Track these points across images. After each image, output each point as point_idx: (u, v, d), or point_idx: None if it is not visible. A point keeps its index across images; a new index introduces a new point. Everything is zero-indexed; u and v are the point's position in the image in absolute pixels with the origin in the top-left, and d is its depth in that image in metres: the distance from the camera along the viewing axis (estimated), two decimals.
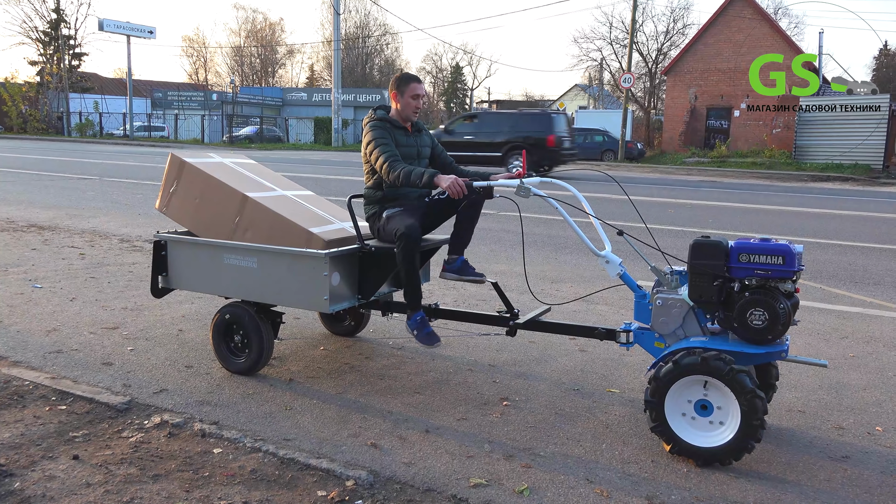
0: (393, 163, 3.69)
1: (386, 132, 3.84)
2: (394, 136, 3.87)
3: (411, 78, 3.96)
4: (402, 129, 3.95)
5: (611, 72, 49.49)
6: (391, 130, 3.88)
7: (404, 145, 3.92)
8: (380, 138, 3.80)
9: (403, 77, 3.96)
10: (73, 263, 6.72)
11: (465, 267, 3.94)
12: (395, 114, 3.97)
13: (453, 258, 3.95)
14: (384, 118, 3.92)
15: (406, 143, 3.95)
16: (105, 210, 10.68)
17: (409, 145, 3.96)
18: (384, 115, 3.94)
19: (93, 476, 2.72)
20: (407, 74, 4.01)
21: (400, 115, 3.95)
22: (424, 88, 4.02)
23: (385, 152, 3.74)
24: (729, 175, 24.87)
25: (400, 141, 3.90)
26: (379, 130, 3.83)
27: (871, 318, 5.44)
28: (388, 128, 3.88)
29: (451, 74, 76.05)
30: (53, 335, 4.48)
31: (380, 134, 3.81)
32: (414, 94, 3.90)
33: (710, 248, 2.97)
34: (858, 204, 14.89)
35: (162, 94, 51.46)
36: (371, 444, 3.06)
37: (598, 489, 2.73)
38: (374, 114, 3.95)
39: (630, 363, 4.24)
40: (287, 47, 73.51)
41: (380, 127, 3.85)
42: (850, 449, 3.15)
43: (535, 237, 8.83)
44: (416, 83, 3.93)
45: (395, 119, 3.96)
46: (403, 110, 3.93)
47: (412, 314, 3.77)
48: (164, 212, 4.23)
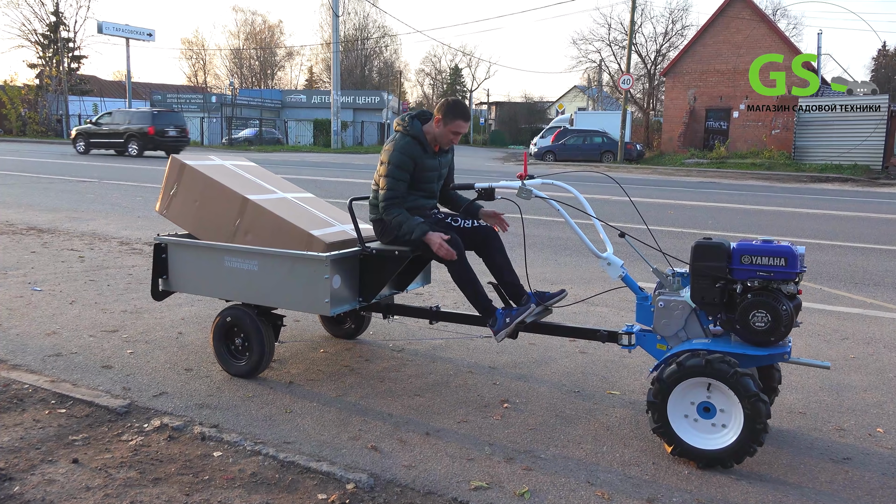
0: (390, 207, 3.62)
1: (408, 159, 3.63)
2: (419, 160, 3.68)
3: (461, 114, 3.68)
4: (430, 152, 3.75)
5: (610, 73, 49.57)
6: (418, 155, 3.67)
7: (429, 169, 3.76)
8: (397, 167, 3.62)
9: (455, 109, 3.67)
10: (73, 266, 6.71)
11: (540, 299, 3.67)
12: (430, 133, 3.74)
13: (524, 298, 3.68)
14: (417, 137, 3.69)
15: (430, 166, 3.77)
16: (104, 212, 10.67)
17: (432, 169, 3.79)
18: (418, 133, 3.70)
19: (92, 480, 2.71)
20: (459, 107, 3.70)
21: (435, 137, 3.74)
22: (469, 126, 3.78)
23: (390, 188, 3.62)
24: (728, 176, 24.89)
25: (426, 164, 3.72)
26: (402, 156, 3.62)
27: (872, 320, 5.43)
28: (416, 152, 3.66)
29: (450, 76, 76.12)
30: (53, 338, 4.47)
31: (399, 161, 3.62)
32: (456, 131, 3.69)
33: (712, 249, 2.97)
34: (858, 205, 14.89)
35: (161, 97, 51.46)
36: (371, 447, 3.05)
37: (599, 491, 2.72)
38: (409, 126, 3.70)
39: (631, 365, 4.23)
40: (286, 49, 73.59)
41: (405, 152, 3.63)
42: (851, 451, 3.15)
43: (536, 239, 8.82)
44: (463, 121, 3.69)
45: (429, 138, 3.74)
46: (440, 137, 3.73)
47: (493, 322, 3.58)
48: (164, 214, 4.23)
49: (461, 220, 3.82)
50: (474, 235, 3.78)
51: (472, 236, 3.78)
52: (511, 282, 3.73)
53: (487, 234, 3.77)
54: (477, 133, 66.05)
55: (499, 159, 36.16)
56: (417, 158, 3.67)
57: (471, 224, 3.82)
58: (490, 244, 3.76)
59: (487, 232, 3.79)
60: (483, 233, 3.78)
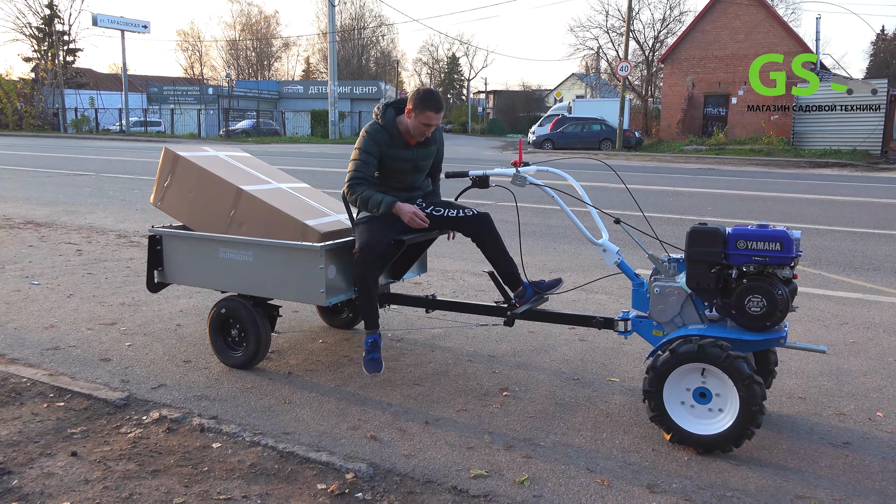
0: (354, 185, 3.58)
1: (376, 145, 3.59)
2: (386, 149, 3.61)
3: (430, 104, 3.50)
4: (401, 143, 3.64)
5: (608, 60, 49.33)
6: (386, 144, 3.60)
7: (399, 160, 3.65)
8: (363, 150, 3.59)
9: (425, 100, 3.50)
10: (70, 260, 6.70)
11: (537, 288, 3.65)
12: (404, 124, 3.63)
13: (521, 291, 3.65)
14: (386, 127, 3.61)
15: (403, 156, 3.66)
16: (102, 206, 10.65)
17: (404, 160, 3.67)
18: (390, 122, 3.62)
19: (91, 472, 2.71)
20: (430, 98, 3.51)
21: (408, 129, 3.62)
22: (441, 118, 3.59)
23: (355, 169, 3.59)
24: (727, 162, 24.83)
25: (395, 155, 3.63)
26: (370, 142, 3.59)
27: (871, 304, 5.43)
28: (383, 140, 3.60)
29: (447, 65, 75.85)
30: (51, 332, 4.47)
31: (367, 146, 3.59)
32: (427, 123, 3.54)
33: (708, 235, 2.95)
34: (857, 190, 14.87)
35: (157, 89, 51.29)
36: (371, 437, 3.05)
37: (598, 478, 2.72)
38: (382, 114, 3.64)
39: (630, 352, 4.23)
40: (282, 40, 73.26)
41: (374, 139, 3.59)
42: (851, 435, 3.15)
43: (533, 227, 8.81)
44: (434, 113, 3.51)
45: (402, 129, 3.63)
46: (412, 129, 3.60)
47: (367, 334, 3.64)
48: (158, 206, 4.21)
49: (443, 210, 3.71)
50: (466, 224, 3.71)
51: (464, 224, 3.72)
52: (508, 271, 3.69)
53: (481, 222, 3.69)
54: (475, 122, 65.86)
55: (497, 148, 36.09)
56: (385, 147, 3.60)
57: (455, 214, 3.70)
58: (483, 232, 3.68)
59: (481, 220, 3.69)
60: (476, 221, 3.70)
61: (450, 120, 69.49)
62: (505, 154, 30.42)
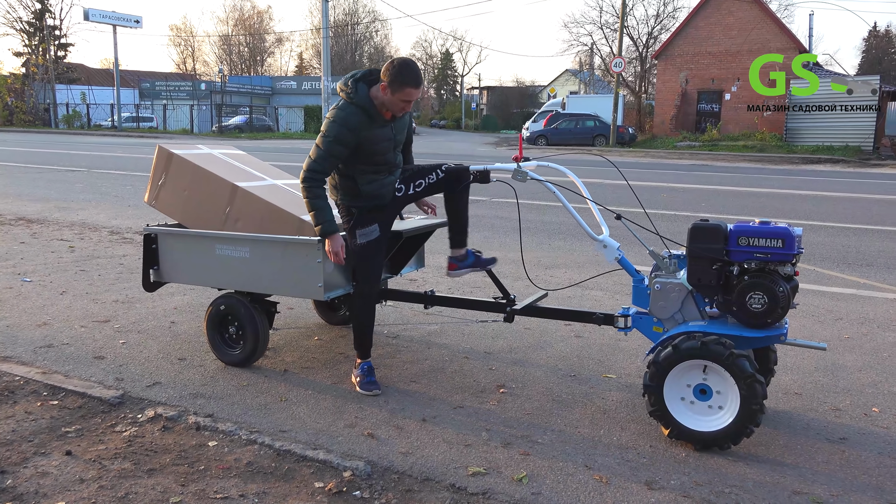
0: (310, 183, 3.25)
1: (349, 133, 3.19)
2: (365, 131, 3.24)
3: (410, 80, 3.16)
4: (379, 120, 3.29)
5: (601, 56, 49.37)
6: (363, 127, 3.22)
7: (380, 140, 3.31)
8: (332, 140, 3.19)
9: (402, 74, 3.15)
10: (63, 256, 6.65)
11: (477, 259, 3.62)
12: (378, 98, 3.25)
13: (461, 253, 3.58)
14: (362, 106, 3.22)
15: (382, 136, 3.31)
16: (94, 202, 10.58)
17: (384, 139, 3.33)
18: (364, 100, 3.21)
19: (86, 471, 2.68)
20: (408, 72, 3.16)
21: (384, 104, 3.26)
22: (420, 92, 3.28)
23: (318, 160, 3.23)
24: (720, 158, 24.88)
25: (375, 136, 3.28)
26: (342, 131, 3.18)
27: (865, 300, 5.44)
28: (360, 123, 3.21)
29: (441, 61, 75.71)
30: (44, 329, 4.43)
31: (338, 134, 3.18)
32: (405, 99, 3.21)
33: (710, 231, 2.95)
34: (849, 186, 14.92)
35: (150, 85, 51.00)
36: (368, 434, 3.03)
37: (597, 475, 2.71)
38: (353, 92, 3.22)
39: (626, 348, 4.22)
40: (276, 35, 72.96)
41: (347, 127, 3.19)
42: (847, 431, 3.15)
43: (529, 223, 8.80)
44: (414, 88, 3.18)
45: (377, 104, 3.25)
46: (389, 105, 3.25)
47: (360, 362, 3.58)
48: (153, 205, 4.17)
49: (424, 180, 3.49)
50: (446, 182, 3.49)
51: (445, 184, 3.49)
52: (462, 227, 3.58)
53: (461, 174, 3.45)
54: (469, 118, 65.77)
55: (491, 144, 36.07)
56: (363, 130, 3.21)
57: (436, 177, 3.48)
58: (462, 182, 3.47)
59: (461, 172, 3.45)
60: (456, 174, 3.46)
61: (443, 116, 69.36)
62: (499, 150, 30.40)
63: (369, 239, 3.41)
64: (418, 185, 3.50)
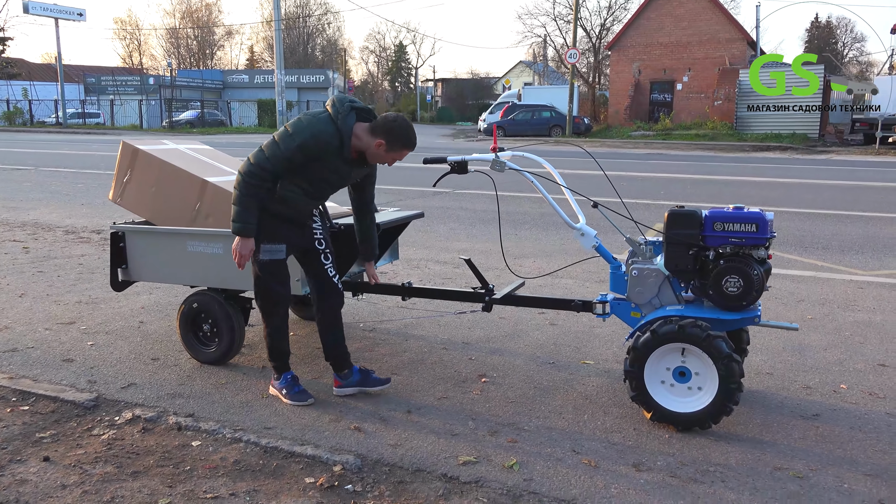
0: (251, 179, 2.98)
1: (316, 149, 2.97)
2: (326, 157, 3.03)
3: (409, 144, 3.07)
4: (345, 156, 3.06)
5: (555, 48, 49.72)
6: (328, 153, 3.01)
7: (333, 171, 3.10)
8: (299, 148, 2.95)
9: (404, 138, 3.05)
10: (18, 258, 6.42)
11: (364, 376, 3.40)
12: (359, 137, 3.05)
13: (345, 373, 3.39)
14: (340, 135, 2.99)
15: (337, 169, 3.10)
16: (45, 201, 10.23)
17: (337, 172, 3.12)
18: (346, 131, 3.00)
19: (67, 477, 2.61)
20: (408, 136, 3.06)
21: (363, 148, 3.08)
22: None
23: (271, 158, 2.97)
24: (674, 147, 25.36)
25: (331, 165, 3.07)
26: (312, 142, 2.95)
27: (824, 281, 5.63)
28: (329, 148, 2.99)
29: (394, 53, 75.24)
30: (5, 333, 4.27)
31: (304, 145, 2.95)
32: (397, 159, 3.13)
33: (686, 217, 3.01)
34: (800, 172, 15.39)
35: (95, 80, 49.48)
36: (354, 428, 3.02)
37: (585, 459, 2.75)
38: (342, 118, 3.01)
39: (601, 335, 4.29)
40: (225, 28, 71.47)
41: (319, 141, 2.96)
42: (819, 407, 3.26)
43: (493, 214, 8.83)
44: (410, 151, 3.12)
45: (353, 141, 3.05)
46: (372, 157, 3.10)
47: (279, 375, 3.35)
48: (118, 202, 4.06)
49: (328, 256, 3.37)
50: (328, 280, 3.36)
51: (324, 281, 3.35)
52: (342, 350, 3.42)
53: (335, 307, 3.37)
54: (424, 110, 65.61)
55: (448, 136, 36.04)
56: (325, 154, 3.01)
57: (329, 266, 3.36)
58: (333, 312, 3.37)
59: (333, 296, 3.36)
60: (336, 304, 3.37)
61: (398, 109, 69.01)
62: (456, 142, 30.41)
63: (273, 257, 3.19)
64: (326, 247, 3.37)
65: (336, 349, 3.41)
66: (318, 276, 3.34)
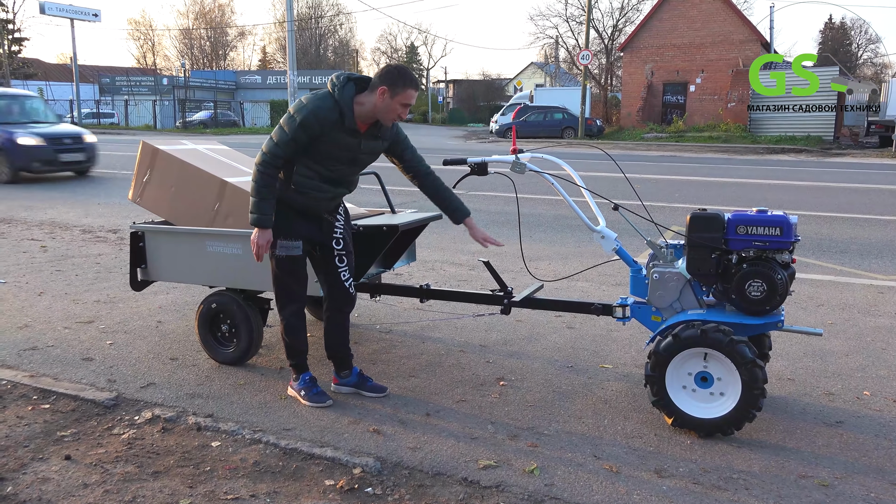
0: (266, 167, 2.99)
1: (316, 124, 2.94)
2: (329, 131, 2.99)
3: (410, 82, 2.98)
4: (349, 128, 3.01)
5: (567, 49, 49.59)
6: (329, 125, 2.97)
7: (340, 146, 3.05)
8: (301, 126, 2.93)
9: (403, 77, 2.98)
10: (36, 257, 6.47)
11: (361, 380, 3.44)
12: (363, 106, 3.00)
13: (345, 373, 3.44)
14: (340, 106, 2.97)
15: (346, 143, 3.05)
16: (62, 200, 10.31)
17: (346, 147, 3.06)
18: (347, 101, 2.98)
19: (89, 476, 2.61)
20: (406, 74, 3.01)
21: (369, 113, 3.01)
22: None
23: (278, 145, 2.97)
24: (687, 149, 25.22)
25: (337, 139, 3.02)
26: (310, 118, 2.93)
27: (843, 286, 5.57)
28: (328, 121, 2.96)
29: (406, 55, 75.28)
30: (26, 331, 4.30)
31: (305, 121, 2.93)
32: (405, 102, 3.00)
33: (708, 220, 2.98)
34: (815, 175, 15.25)
35: (110, 80, 49.82)
36: (373, 431, 3.01)
37: (606, 465, 2.73)
38: (339, 90, 2.99)
39: (619, 338, 4.26)
40: (238, 29, 71.80)
41: (318, 115, 2.94)
42: (842, 414, 3.22)
43: (509, 216, 8.81)
44: (414, 90, 2.99)
45: (357, 111, 3.01)
46: (381, 112, 3.00)
47: (297, 376, 3.36)
48: (138, 202, 4.08)
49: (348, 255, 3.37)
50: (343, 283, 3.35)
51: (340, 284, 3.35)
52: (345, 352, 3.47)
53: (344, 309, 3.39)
54: (435, 112, 65.63)
55: (459, 137, 36.02)
56: (327, 128, 2.97)
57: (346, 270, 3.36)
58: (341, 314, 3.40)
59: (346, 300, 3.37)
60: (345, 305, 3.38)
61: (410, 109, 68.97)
62: (468, 144, 30.38)
63: (289, 253, 3.18)
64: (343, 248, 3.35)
65: (340, 350, 3.44)
66: (330, 278, 3.34)
